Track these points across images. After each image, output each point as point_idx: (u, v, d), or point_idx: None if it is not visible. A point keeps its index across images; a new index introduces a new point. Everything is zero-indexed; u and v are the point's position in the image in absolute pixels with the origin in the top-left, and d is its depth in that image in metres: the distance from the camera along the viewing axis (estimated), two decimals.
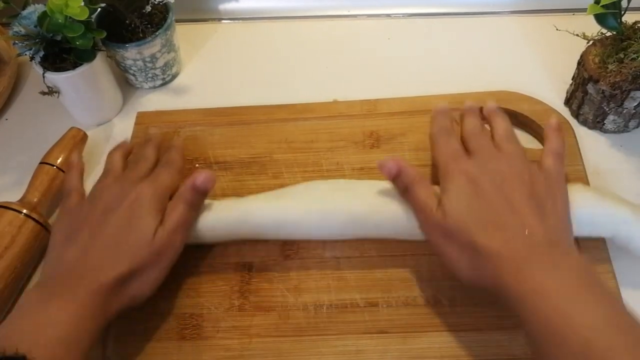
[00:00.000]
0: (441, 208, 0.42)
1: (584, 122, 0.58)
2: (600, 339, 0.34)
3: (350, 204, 0.47)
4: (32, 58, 0.56)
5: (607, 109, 0.54)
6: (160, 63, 0.63)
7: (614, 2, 0.50)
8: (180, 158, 0.50)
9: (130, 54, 0.60)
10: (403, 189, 0.45)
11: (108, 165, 0.50)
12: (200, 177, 0.46)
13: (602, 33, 0.54)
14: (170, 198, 0.47)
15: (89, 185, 0.58)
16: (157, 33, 0.60)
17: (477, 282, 0.41)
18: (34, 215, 0.51)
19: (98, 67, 0.58)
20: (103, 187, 0.47)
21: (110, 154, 0.51)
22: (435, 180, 0.47)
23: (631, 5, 0.51)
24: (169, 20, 0.61)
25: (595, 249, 0.48)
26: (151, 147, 0.51)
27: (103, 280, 0.41)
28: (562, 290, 0.36)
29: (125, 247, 0.43)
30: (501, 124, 0.48)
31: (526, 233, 0.39)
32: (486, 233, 0.40)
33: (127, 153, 0.52)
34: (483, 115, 0.50)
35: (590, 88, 0.54)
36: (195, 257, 0.50)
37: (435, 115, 0.50)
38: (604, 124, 0.56)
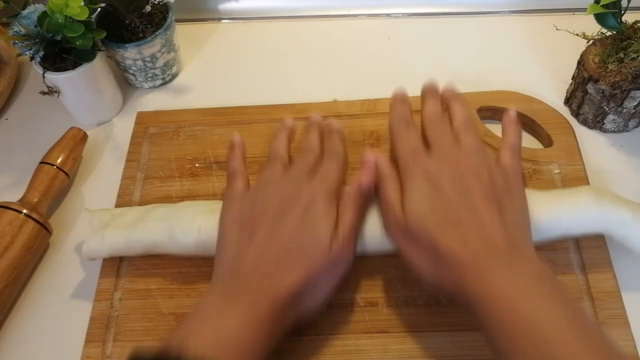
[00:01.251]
0: (403, 209, 0.41)
1: (583, 122, 0.58)
2: (560, 339, 0.33)
3: None
4: (32, 58, 0.56)
5: (607, 109, 0.54)
6: (160, 63, 0.63)
7: (614, 1, 0.50)
8: (343, 146, 0.48)
9: (130, 53, 0.60)
10: (376, 185, 0.44)
11: (274, 153, 0.47)
12: (365, 177, 0.44)
13: (602, 33, 0.54)
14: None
15: (87, 189, 0.58)
16: (157, 33, 0.60)
17: (438, 285, 0.41)
18: (34, 215, 0.51)
19: (98, 67, 0.58)
20: (272, 178, 0.45)
21: (275, 141, 0.49)
22: None
23: (631, 5, 0.51)
24: (168, 20, 0.61)
25: (595, 248, 0.48)
26: (315, 135, 0.49)
27: (281, 291, 0.39)
28: (521, 293, 0.36)
29: (303, 253, 0.40)
30: (459, 111, 0.47)
31: (486, 234, 0.39)
32: (446, 234, 0.39)
33: (291, 138, 0.50)
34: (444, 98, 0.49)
35: (590, 88, 0.54)
36: (195, 256, 0.50)
37: (393, 103, 0.49)
38: (603, 123, 0.56)
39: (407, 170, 0.43)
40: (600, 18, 0.52)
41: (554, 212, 0.44)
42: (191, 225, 0.46)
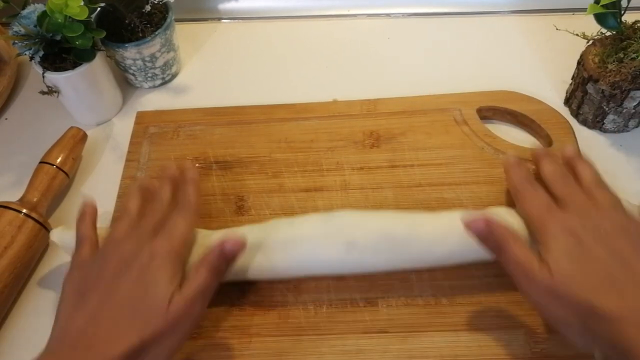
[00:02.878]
0: (545, 267, 0.38)
1: (583, 122, 0.58)
2: None
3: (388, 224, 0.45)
4: (31, 58, 0.56)
5: (607, 109, 0.55)
6: (159, 63, 0.63)
7: (614, 1, 0.50)
8: (196, 196, 0.46)
9: (130, 53, 0.60)
10: (495, 248, 0.41)
11: (123, 210, 0.46)
12: (230, 242, 0.41)
13: (602, 33, 0.54)
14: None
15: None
16: (156, 33, 0.60)
17: (590, 343, 0.38)
18: (34, 215, 0.51)
19: (98, 67, 0.58)
20: (116, 238, 0.43)
21: (128, 194, 0.47)
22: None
23: (631, 5, 0.51)
24: (168, 20, 0.61)
25: None
26: (166, 186, 0.47)
27: (111, 354, 0.37)
28: None
29: (137, 315, 0.38)
30: (588, 169, 0.44)
31: None
32: (602, 293, 0.37)
33: (145, 191, 0.48)
34: (562, 160, 0.47)
35: (590, 88, 0.54)
36: None
37: (509, 168, 0.46)
38: (603, 123, 0.56)
39: (544, 227, 0.41)
40: (600, 18, 0.52)
41: None
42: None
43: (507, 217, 0.45)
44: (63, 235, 0.48)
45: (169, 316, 0.38)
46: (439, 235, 0.45)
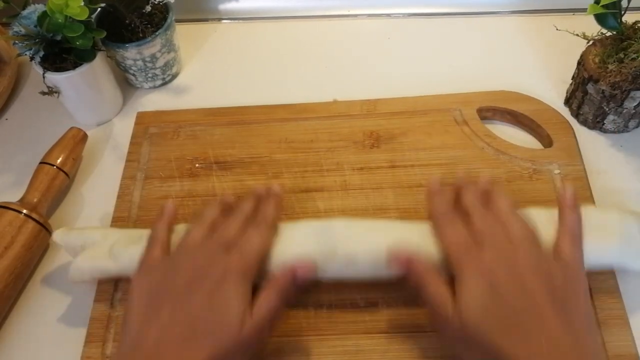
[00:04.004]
0: (457, 310, 0.38)
1: (583, 122, 0.58)
2: None
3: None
4: (32, 58, 0.56)
5: (607, 109, 0.55)
6: (160, 63, 0.63)
7: (614, 2, 0.50)
8: (274, 212, 0.46)
9: (130, 53, 0.60)
10: (415, 285, 0.41)
11: (200, 216, 0.46)
12: (302, 268, 0.41)
13: (602, 33, 0.54)
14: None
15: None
16: (157, 33, 0.60)
17: None
18: (34, 216, 0.51)
19: (98, 67, 0.58)
20: (189, 246, 0.43)
21: (207, 206, 0.47)
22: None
23: (631, 5, 0.51)
24: (169, 20, 0.61)
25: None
26: (249, 201, 0.47)
27: None
28: None
29: (209, 332, 0.38)
30: (502, 200, 0.44)
31: (552, 339, 0.36)
32: (509, 340, 0.36)
33: (226, 205, 0.47)
34: (478, 188, 0.46)
35: (590, 88, 0.54)
36: None
37: (431, 196, 0.45)
38: (603, 124, 0.56)
39: (460, 266, 0.40)
40: (600, 18, 0.52)
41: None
42: None
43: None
44: (66, 236, 0.48)
45: (240, 339, 0.39)
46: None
